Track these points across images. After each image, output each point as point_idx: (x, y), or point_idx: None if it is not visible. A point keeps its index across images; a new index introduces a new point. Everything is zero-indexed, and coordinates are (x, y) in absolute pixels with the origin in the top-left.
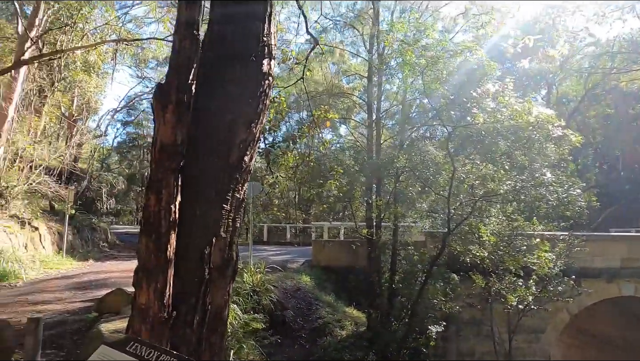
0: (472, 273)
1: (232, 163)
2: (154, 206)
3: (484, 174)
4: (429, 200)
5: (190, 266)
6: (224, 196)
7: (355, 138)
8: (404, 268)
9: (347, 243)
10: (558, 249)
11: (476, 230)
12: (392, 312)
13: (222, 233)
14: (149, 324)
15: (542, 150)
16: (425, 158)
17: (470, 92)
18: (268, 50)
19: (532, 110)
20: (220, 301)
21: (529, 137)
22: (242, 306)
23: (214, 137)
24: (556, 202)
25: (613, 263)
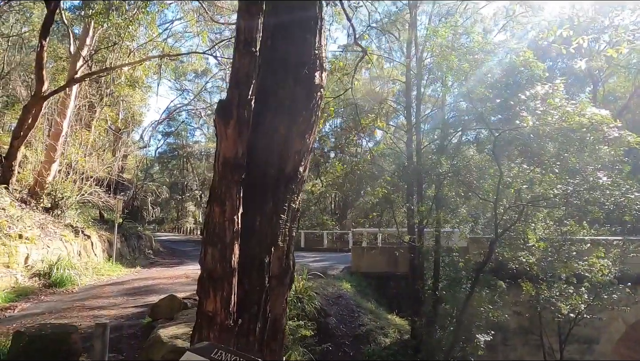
0: (520, 280)
1: (288, 174)
2: (219, 217)
3: (531, 178)
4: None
5: (251, 275)
6: (281, 206)
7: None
8: (448, 275)
9: (386, 250)
10: (612, 254)
11: (524, 235)
12: (437, 320)
13: (280, 242)
14: (216, 331)
15: (594, 152)
16: (469, 163)
17: (518, 95)
18: (319, 63)
19: (584, 111)
20: (279, 309)
21: (581, 139)
22: (287, 313)
23: (270, 150)
24: (613, 206)
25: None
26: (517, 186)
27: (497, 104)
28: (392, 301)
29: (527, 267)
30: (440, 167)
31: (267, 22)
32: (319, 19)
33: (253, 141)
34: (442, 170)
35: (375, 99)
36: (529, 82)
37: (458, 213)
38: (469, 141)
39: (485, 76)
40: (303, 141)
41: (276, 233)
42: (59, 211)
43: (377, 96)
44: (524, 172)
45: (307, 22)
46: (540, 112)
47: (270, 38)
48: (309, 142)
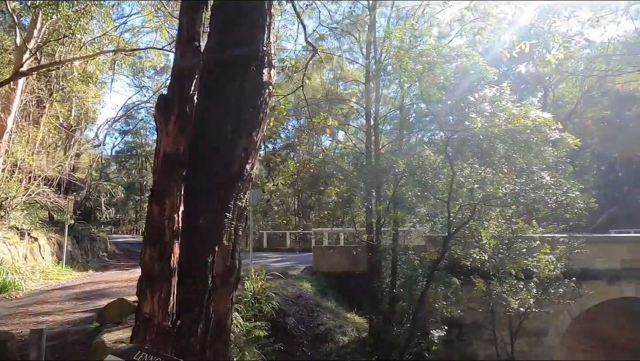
0: (473, 276)
1: (234, 172)
2: (158, 216)
3: (482, 178)
4: (428, 204)
5: (194, 274)
6: (226, 205)
7: (353, 144)
8: (404, 273)
9: (347, 249)
10: (558, 251)
11: (476, 234)
12: (394, 317)
13: (225, 241)
14: (153, 333)
15: (540, 153)
16: (424, 163)
17: (467, 97)
18: (268, 60)
19: (529, 113)
20: (224, 309)
21: (527, 141)
22: (243, 313)
23: (216, 147)
24: (555, 204)
25: (614, 265)
26: (469, 185)
27: (449, 106)
28: (352, 300)
29: (479, 264)
30: (397, 167)
31: (215, 18)
32: (268, 16)
33: (198, 138)
34: (399, 170)
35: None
36: (478, 85)
37: (417, 212)
38: (424, 141)
39: (438, 78)
40: (250, 139)
41: (221, 232)
42: (2, 212)
43: (339, 97)
44: (476, 172)
45: (255, 19)
46: (489, 114)
47: (218, 34)
48: (257, 140)
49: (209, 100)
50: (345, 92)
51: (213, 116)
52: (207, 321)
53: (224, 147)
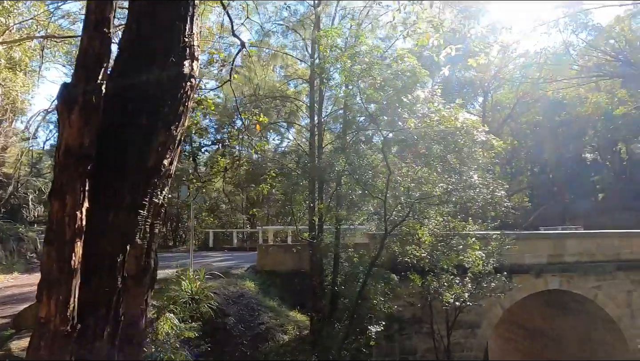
0: (409, 273)
1: (150, 167)
2: (58, 214)
3: (419, 177)
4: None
5: (101, 275)
6: (141, 202)
7: (297, 142)
8: (345, 270)
9: (292, 247)
10: (490, 247)
11: (414, 231)
12: (335, 314)
13: (137, 240)
14: (49, 339)
15: (471, 154)
16: (364, 162)
17: (401, 98)
18: (190, 52)
19: (458, 116)
20: (137, 310)
21: (456, 142)
22: (179, 315)
23: (129, 140)
24: (482, 203)
25: (541, 259)
26: (406, 184)
27: (386, 106)
28: (296, 298)
29: (415, 260)
30: (338, 166)
31: (133, 5)
32: (190, 7)
33: (110, 130)
34: (339, 168)
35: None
36: (413, 87)
37: (362, 210)
38: (362, 140)
39: (376, 79)
40: (169, 133)
41: (134, 230)
42: None
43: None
44: (413, 171)
45: (177, 8)
46: (421, 115)
47: (135, 22)
48: (177, 134)
49: (124, 91)
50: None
51: (128, 107)
52: (115, 323)
53: (139, 141)
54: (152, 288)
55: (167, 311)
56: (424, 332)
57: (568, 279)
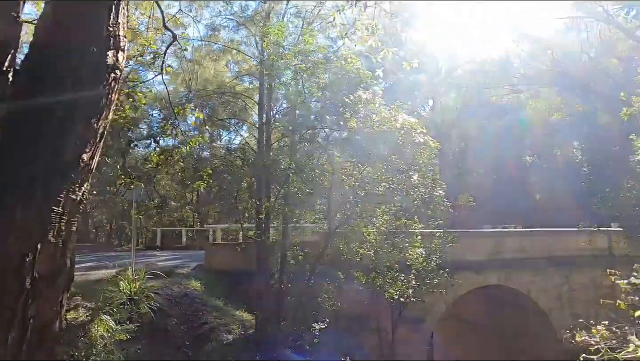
0: (354, 270)
1: (66, 161)
2: None
3: (363, 177)
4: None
5: (6, 276)
6: (55, 198)
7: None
8: (292, 268)
9: (240, 246)
10: (434, 245)
11: (359, 229)
12: (280, 313)
13: (50, 238)
14: None
15: (412, 155)
16: (310, 161)
17: (344, 98)
18: (115, 42)
19: (398, 117)
20: (50, 313)
21: (396, 142)
22: (116, 316)
23: (44, 133)
24: (420, 202)
25: (481, 257)
26: (350, 183)
27: (330, 105)
28: (243, 297)
29: (360, 258)
30: (284, 163)
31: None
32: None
33: (21, 122)
34: (284, 166)
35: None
36: (357, 87)
37: (316, 209)
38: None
39: (319, 79)
40: (89, 126)
41: (46, 228)
42: None
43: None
44: (358, 171)
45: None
46: (363, 116)
47: (52, 7)
48: (98, 127)
49: (38, 81)
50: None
51: (39, 98)
52: (23, 328)
53: (54, 134)
54: (69, 289)
55: (102, 313)
56: (370, 328)
57: (506, 275)
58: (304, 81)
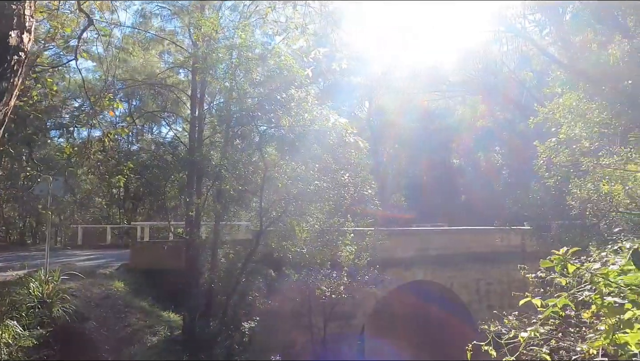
0: (285, 268)
1: None
2: None
3: (296, 175)
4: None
5: None
6: None
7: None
8: (223, 267)
9: (170, 244)
10: (365, 242)
11: (291, 227)
12: (210, 312)
13: None
14: None
15: (344, 154)
16: (242, 157)
17: (275, 96)
18: (19, 22)
19: (329, 116)
20: None
21: (327, 142)
22: (25, 321)
23: None
24: (351, 200)
25: (409, 253)
26: (283, 181)
27: (264, 102)
28: (171, 297)
29: (291, 255)
30: (215, 159)
31: None
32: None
33: None
34: (215, 162)
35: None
36: (290, 85)
37: (252, 206)
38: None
39: (252, 75)
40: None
41: None
42: None
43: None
44: (291, 169)
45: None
46: (295, 114)
47: None
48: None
49: None
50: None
51: None
52: None
53: None
54: None
55: (7, 318)
56: (302, 325)
57: (431, 270)
58: (238, 77)
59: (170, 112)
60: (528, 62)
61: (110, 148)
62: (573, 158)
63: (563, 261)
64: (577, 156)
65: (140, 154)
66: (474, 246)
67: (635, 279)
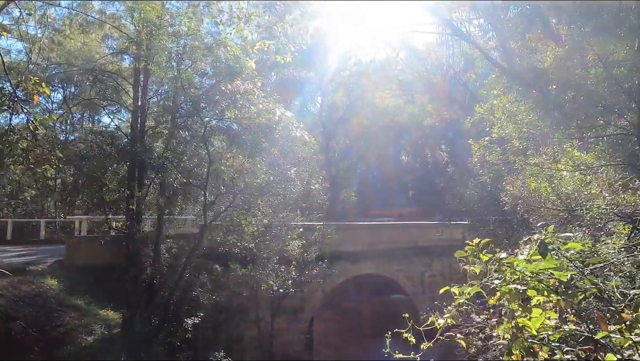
0: (231, 262)
1: None
2: None
3: (242, 169)
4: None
5: None
6: None
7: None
8: (167, 262)
9: (110, 239)
10: (314, 237)
11: (238, 222)
12: (152, 309)
13: None
14: None
15: (290, 148)
16: (187, 149)
17: (220, 87)
18: None
19: (275, 110)
20: None
21: (274, 135)
22: None
23: None
24: (299, 195)
25: (357, 247)
26: (229, 174)
27: (210, 92)
28: (110, 294)
29: (238, 250)
30: (160, 151)
31: None
32: None
33: None
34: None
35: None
36: (236, 77)
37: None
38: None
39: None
40: None
41: None
42: None
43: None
44: (239, 163)
45: None
46: (241, 106)
47: None
48: None
49: None
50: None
51: None
52: None
53: None
54: None
55: None
56: (249, 320)
57: (379, 264)
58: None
59: (111, 101)
60: (472, 64)
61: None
62: (504, 157)
63: (476, 252)
64: (508, 155)
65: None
66: (420, 240)
67: (536, 268)
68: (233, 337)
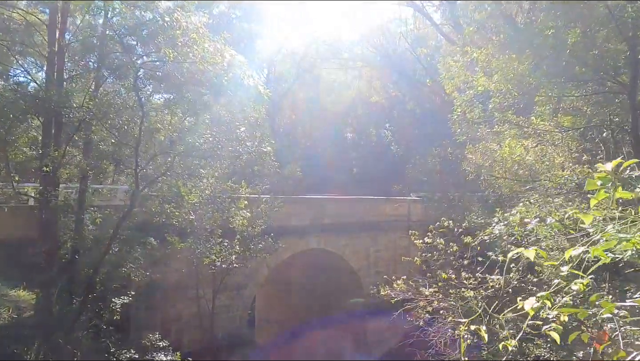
0: (170, 235)
1: None
2: None
3: (183, 127)
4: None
5: None
6: None
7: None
8: (91, 235)
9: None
10: (260, 209)
11: (177, 190)
12: (73, 288)
13: None
14: None
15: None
16: (115, 101)
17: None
18: None
19: (225, 53)
20: None
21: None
22: None
23: None
24: (247, 156)
25: (304, 222)
26: (166, 133)
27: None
28: (25, 272)
29: (176, 221)
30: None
31: None
32: None
33: None
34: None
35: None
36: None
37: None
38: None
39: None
40: None
41: None
42: None
43: None
44: (179, 120)
45: None
46: (181, 44)
47: None
48: None
49: None
50: None
51: None
52: None
53: None
54: None
55: None
56: (189, 297)
57: (325, 239)
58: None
59: (20, 44)
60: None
61: None
62: (486, 114)
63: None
64: (492, 112)
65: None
66: (366, 216)
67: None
68: (170, 317)
